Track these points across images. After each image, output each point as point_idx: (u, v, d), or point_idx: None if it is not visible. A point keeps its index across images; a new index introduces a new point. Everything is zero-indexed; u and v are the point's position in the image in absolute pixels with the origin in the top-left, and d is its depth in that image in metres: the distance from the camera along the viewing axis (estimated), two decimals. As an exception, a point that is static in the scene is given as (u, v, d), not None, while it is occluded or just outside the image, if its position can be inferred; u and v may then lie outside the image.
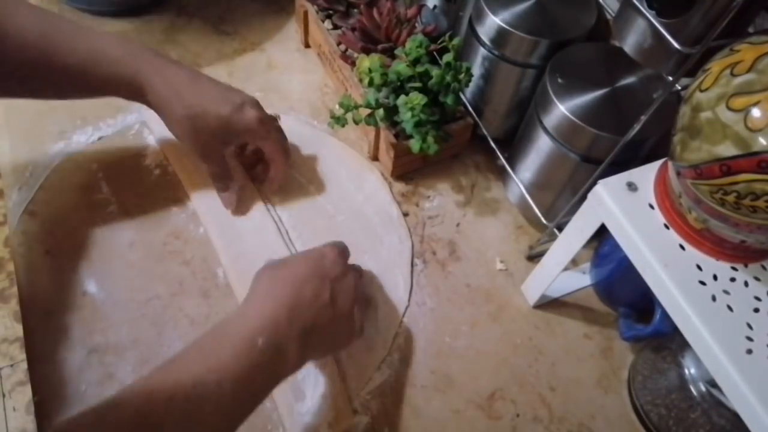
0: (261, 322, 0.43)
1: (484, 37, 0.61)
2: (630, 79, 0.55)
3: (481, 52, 0.63)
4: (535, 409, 0.55)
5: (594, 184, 0.46)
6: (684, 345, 0.51)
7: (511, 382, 0.57)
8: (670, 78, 0.44)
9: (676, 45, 0.41)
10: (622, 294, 0.60)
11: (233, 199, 0.60)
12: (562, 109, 0.53)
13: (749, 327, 0.40)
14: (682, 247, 0.43)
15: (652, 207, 0.45)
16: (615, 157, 0.49)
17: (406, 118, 0.59)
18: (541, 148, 0.59)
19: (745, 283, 0.42)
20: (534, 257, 0.64)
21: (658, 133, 0.52)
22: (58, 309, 0.54)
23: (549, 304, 0.62)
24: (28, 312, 0.52)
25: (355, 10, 0.71)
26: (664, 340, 0.54)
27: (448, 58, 0.59)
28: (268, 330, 0.43)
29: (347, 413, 0.52)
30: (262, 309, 0.44)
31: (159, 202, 0.62)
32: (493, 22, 0.59)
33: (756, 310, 0.41)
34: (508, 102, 0.66)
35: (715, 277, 0.42)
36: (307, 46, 0.79)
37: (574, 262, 0.65)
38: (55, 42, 0.50)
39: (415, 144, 0.60)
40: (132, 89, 0.53)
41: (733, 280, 0.42)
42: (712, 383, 0.49)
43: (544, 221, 0.62)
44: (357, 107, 0.61)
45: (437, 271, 0.63)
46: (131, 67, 0.52)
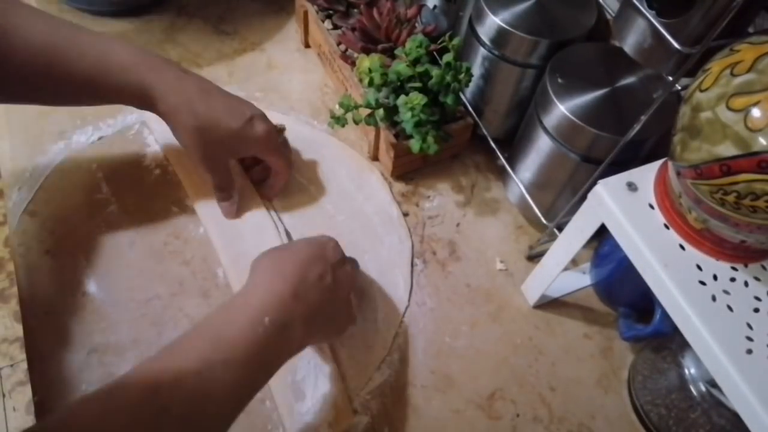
0: (267, 300, 0.44)
1: (484, 37, 0.61)
2: (630, 79, 0.55)
3: (481, 52, 0.63)
4: (535, 409, 0.55)
5: (594, 184, 0.46)
6: (684, 345, 0.51)
7: (511, 382, 0.57)
8: (670, 78, 0.44)
9: (676, 45, 0.41)
10: (622, 294, 0.60)
11: (233, 210, 0.60)
12: (562, 109, 0.53)
13: (749, 327, 0.40)
14: (682, 247, 0.43)
15: (652, 207, 0.45)
16: (615, 157, 0.49)
17: (406, 118, 0.59)
18: (541, 148, 0.59)
19: (745, 283, 0.42)
20: (534, 257, 0.65)
21: (658, 133, 0.52)
22: (58, 309, 0.54)
23: (549, 304, 0.62)
24: (28, 312, 0.52)
25: (355, 10, 0.71)
26: (664, 340, 0.54)
27: (448, 58, 0.59)
28: (274, 308, 0.44)
29: (347, 413, 0.52)
30: (268, 288, 0.45)
31: (159, 202, 0.62)
32: (493, 22, 0.59)
33: (756, 310, 0.41)
34: (508, 102, 0.66)
35: (715, 277, 0.42)
36: (307, 46, 0.79)
37: (574, 262, 0.65)
38: (64, 50, 0.50)
39: (415, 144, 0.60)
40: (142, 98, 0.52)
41: (733, 280, 0.42)
42: (712, 383, 0.49)
43: (544, 221, 0.62)
44: (357, 107, 0.61)
45: (437, 271, 0.63)
46: (141, 75, 0.52)
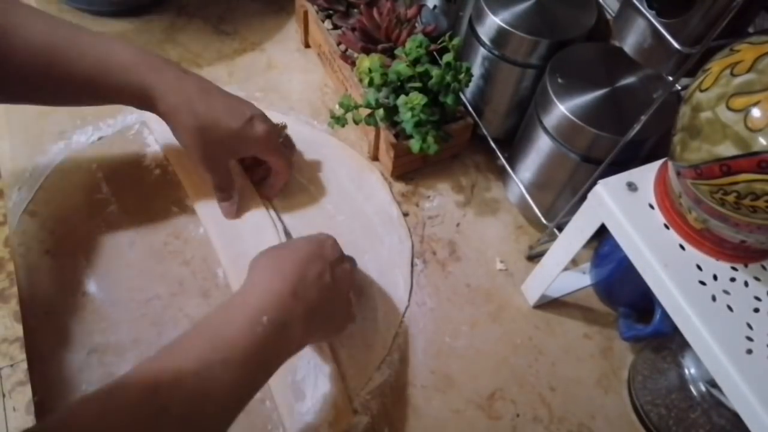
0: (266, 299, 0.44)
1: (484, 37, 0.61)
2: (630, 79, 0.55)
3: (481, 52, 0.63)
4: (535, 409, 0.55)
5: (594, 184, 0.46)
6: (684, 345, 0.51)
7: (511, 382, 0.57)
8: (670, 78, 0.44)
9: (676, 45, 0.41)
10: (622, 294, 0.60)
11: (233, 210, 0.60)
12: (562, 109, 0.53)
13: (749, 327, 0.40)
14: (682, 247, 0.43)
15: (652, 207, 0.45)
16: (615, 157, 0.49)
17: (406, 118, 0.59)
18: (541, 148, 0.59)
19: (745, 283, 0.42)
20: (534, 257, 0.65)
21: (658, 133, 0.52)
22: (58, 309, 0.54)
23: (549, 304, 0.62)
24: (28, 312, 0.52)
25: (355, 10, 0.71)
26: (664, 340, 0.54)
27: (448, 58, 0.59)
28: (273, 307, 0.43)
29: (347, 412, 0.52)
30: (266, 287, 0.45)
31: (159, 202, 0.62)
32: (493, 22, 0.59)
33: (756, 310, 0.41)
34: (508, 102, 0.66)
35: (715, 277, 0.42)
36: (307, 46, 0.79)
37: (574, 262, 0.65)
38: (64, 50, 0.50)
39: (415, 144, 0.60)
40: (142, 98, 0.52)
41: (733, 280, 0.42)
42: (712, 383, 0.49)
43: (544, 221, 0.62)
44: (357, 107, 0.61)
45: (437, 271, 0.63)
46: (141, 76, 0.52)
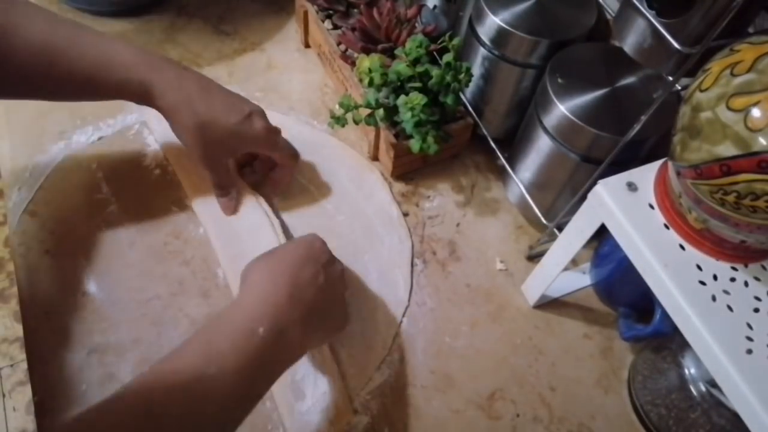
0: (261, 310, 0.43)
1: (484, 37, 0.61)
2: (630, 79, 0.55)
3: (481, 52, 0.63)
4: (535, 409, 0.55)
5: (594, 184, 0.46)
6: (684, 345, 0.51)
7: (511, 382, 0.57)
8: (670, 78, 0.44)
9: (676, 45, 0.41)
10: (622, 294, 0.60)
11: (232, 206, 0.60)
12: (562, 109, 0.53)
13: (749, 327, 0.40)
14: (682, 247, 0.43)
15: (652, 207, 0.45)
16: (615, 157, 0.49)
17: (406, 118, 0.59)
18: (541, 148, 0.59)
19: (745, 283, 0.42)
20: (534, 257, 0.64)
21: (658, 133, 0.52)
22: (58, 309, 0.54)
23: (549, 304, 0.62)
24: (28, 312, 0.52)
25: (355, 10, 0.71)
26: (664, 340, 0.54)
27: (448, 58, 0.59)
28: (269, 316, 0.43)
29: (347, 411, 0.52)
30: (261, 297, 0.44)
31: (159, 202, 0.62)
32: (493, 22, 0.59)
33: (756, 310, 0.41)
34: (508, 102, 0.66)
35: (715, 277, 0.42)
36: (307, 46, 0.79)
37: (574, 262, 0.65)
38: (65, 48, 0.50)
39: (415, 144, 0.60)
40: (142, 95, 0.53)
41: (733, 280, 0.42)
42: (712, 383, 0.49)
43: (544, 221, 0.62)
44: (357, 107, 0.61)
45: (437, 271, 0.63)
46: (142, 73, 0.52)
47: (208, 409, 0.39)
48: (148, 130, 0.67)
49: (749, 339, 0.39)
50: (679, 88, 0.52)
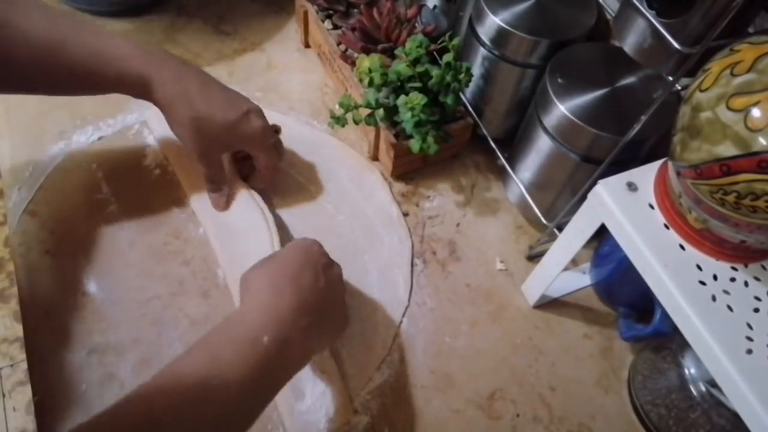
0: (265, 319, 0.43)
1: (484, 37, 0.61)
2: (630, 79, 0.55)
3: (481, 52, 0.63)
4: (535, 409, 0.55)
5: (594, 184, 0.46)
6: (684, 345, 0.51)
7: (511, 382, 0.57)
8: (670, 78, 0.44)
9: (676, 45, 0.41)
10: (622, 294, 0.60)
11: (223, 201, 0.60)
12: (562, 109, 0.53)
13: (749, 327, 0.40)
14: (682, 247, 0.43)
15: (652, 207, 0.45)
16: (615, 157, 0.49)
17: (406, 118, 0.59)
18: (541, 148, 0.59)
19: (745, 283, 0.42)
20: (534, 257, 0.64)
21: (658, 133, 0.52)
22: (58, 309, 0.54)
23: (549, 304, 0.62)
24: (28, 312, 0.52)
25: (355, 10, 0.71)
26: (664, 340, 0.54)
27: (448, 58, 0.59)
28: (273, 325, 0.43)
29: (347, 409, 0.52)
30: (265, 306, 0.44)
31: (159, 202, 0.62)
32: (493, 22, 0.59)
33: (756, 310, 0.41)
34: (508, 102, 0.66)
35: (715, 277, 0.42)
36: (307, 46, 0.79)
37: (574, 262, 0.65)
38: (64, 43, 0.50)
39: (415, 144, 0.60)
40: (140, 89, 0.53)
41: (733, 280, 0.42)
42: (712, 383, 0.49)
43: (544, 221, 0.62)
44: (357, 107, 0.61)
45: (437, 271, 0.63)
46: (140, 66, 0.52)
47: (212, 418, 0.39)
48: (148, 130, 0.67)
49: (749, 339, 0.39)
50: (679, 88, 0.52)
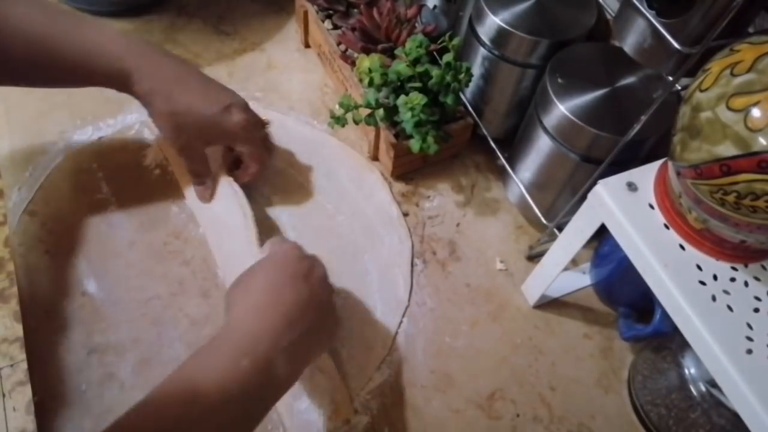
0: (244, 343, 0.41)
1: (484, 37, 0.61)
2: (630, 79, 0.55)
3: (481, 52, 0.63)
4: (535, 408, 0.55)
5: (594, 184, 0.46)
6: (684, 345, 0.51)
7: (511, 382, 0.57)
8: (670, 78, 0.44)
9: (676, 45, 0.41)
10: (622, 294, 0.60)
11: (207, 194, 0.60)
12: (562, 109, 0.53)
13: (749, 327, 0.40)
14: (682, 247, 0.43)
15: (652, 207, 0.45)
16: (615, 157, 0.49)
17: (406, 118, 0.59)
18: (541, 148, 0.59)
19: (745, 283, 0.42)
20: (534, 257, 0.64)
21: (658, 133, 0.52)
22: (58, 309, 0.54)
23: (549, 304, 0.62)
24: (28, 312, 0.52)
25: (355, 10, 0.71)
26: (664, 340, 0.54)
27: (448, 58, 0.59)
28: (253, 347, 0.41)
29: (346, 405, 0.52)
30: (245, 328, 0.42)
31: (159, 202, 0.62)
32: (493, 22, 0.59)
33: (756, 310, 0.41)
34: (508, 102, 0.66)
35: (715, 277, 0.42)
36: (307, 46, 0.79)
37: (574, 262, 0.65)
38: (48, 37, 0.50)
39: (415, 144, 0.60)
40: (119, 80, 0.52)
41: (733, 280, 0.42)
42: (712, 383, 0.49)
43: (544, 221, 0.62)
44: (357, 107, 0.61)
45: (437, 271, 0.63)
46: (120, 60, 0.52)
47: None
48: (148, 130, 0.67)
49: (749, 339, 0.39)
50: (679, 88, 0.52)
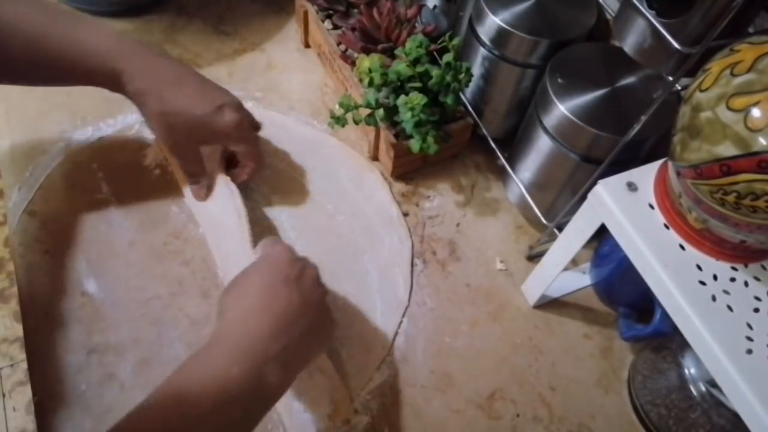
0: (235, 351, 0.41)
1: (484, 37, 0.61)
2: (630, 79, 0.55)
3: (481, 52, 0.63)
4: (535, 408, 0.55)
5: (594, 184, 0.46)
6: (684, 345, 0.51)
7: (511, 382, 0.57)
8: (670, 78, 0.44)
9: (676, 45, 0.41)
10: (622, 294, 0.60)
11: (202, 193, 0.60)
12: (562, 109, 0.53)
13: (749, 327, 0.40)
14: (682, 247, 0.43)
15: (652, 207, 0.45)
16: (615, 157, 0.49)
17: (406, 118, 0.59)
18: (541, 148, 0.59)
19: (745, 283, 0.42)
20: (534, 257, 0.64)
21: (658, 133, 0.52)
22: (58, 309, 0.54)
23: (549, 304, 0.62)
24: (28, 312, 0.52)
25: (355, 10, 0.71)
26: (664, 340, 0.54)
27: (448, 58, 0.59)
28: (243, 357, 0.40)
29: (346, 405, 0.52)
30: (234, 337, 0.42)
31: (159, 202, 0.62)
32: (493, 22, 0.59)
33: (756, 310, 0.41)
34: (508, 102, 0.66)
35: (715, 277, 0.42)
36: (307, 46, 0.79)
37: (574, 262, 0.65)
38: (42, 32, 0.50)
39: (415, 144, 0.60)
40: (111, 81, 0.52)
41: (733, 280, 0.42)
42: (712, 383, 0.49)
43: (544, 221, 0.62)
44: (357, 107, 0.61)
45: (437, 271, 0.63)
46: (113, 60, 0.51)
47: None
48: (148, 130, 0.67)
49: (749, 339, 0.39)
50: (679, 88, 0.52)
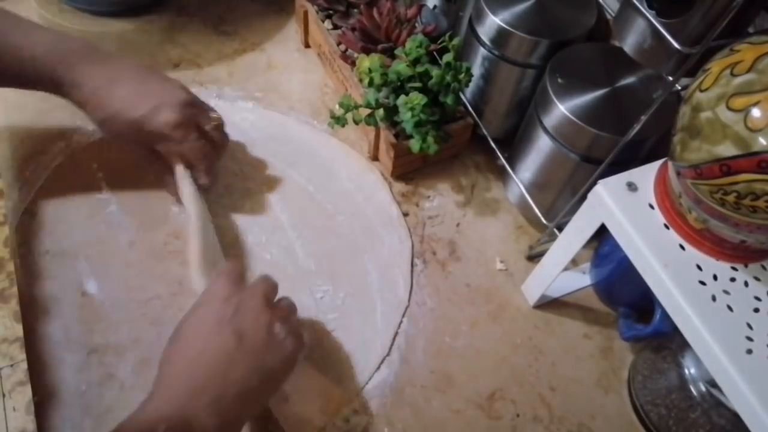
0: (163, 406, 0.40)
1: (484, 37, 0.61)
2: (630, 79, 0.55)
3: (481, 52, 0.63)
4: (535, 408, 0.55)
5: (594, 184, 0.46)
6: (684, 345, 0.51)
7: (511, 382, 0.57)
8: (670, 78, 0.44)
9: (676, 45, 0.41)
10: (622, 294, 0.60)
11: (173, 191, 0.59)
12: (562, 109, 0.53)
13: (749, 327, 0.40)
14: (682, 247, 0.43)
15: (652, 207, 0.45)
16: (615, 157, 0.49)
17: (406, 118, 0.59)
18: (541, 148, 0.59)
19: (745, 283, 0.42)
20: (534, 257, 0.64)
21: (658, 133, 0.52)
22: (58, 309, 0.54)
23: (549, 304, 0.62)
24: (28, 312, 0.52)
25: (355, 10, 0.71)
26: (664, 340, 0.54)
27: (448, 58, 0.59)
28: (168, 413, 0.39)
29: (336, 395, 0.52)
30: (163, 391, 0.41)
31: (159, 202, 0.62)
32: (493, 22, 0.59)
33: (756, 310, 0.41)
34: (508, 102, 0.66)
35: (715, 277, 0.42)
36: (307, 46, 0.79)
37: (574, 262, 0.65)
38: None
39: (415, 144, 0.61)
40: (55, 88, 0.52)
41: (733, 280, 0.42)
42: (712, 383, 0.49)
43: (544, 221, 0.62)
44: (357, 107, 0.61)
45: (437, 271, 0.63)
46: (52, 67, 0.51)
47: None
48: (148, 130, 0.67)
49: (749, 339, 0.39)
50: (679, 88, 0.52)
